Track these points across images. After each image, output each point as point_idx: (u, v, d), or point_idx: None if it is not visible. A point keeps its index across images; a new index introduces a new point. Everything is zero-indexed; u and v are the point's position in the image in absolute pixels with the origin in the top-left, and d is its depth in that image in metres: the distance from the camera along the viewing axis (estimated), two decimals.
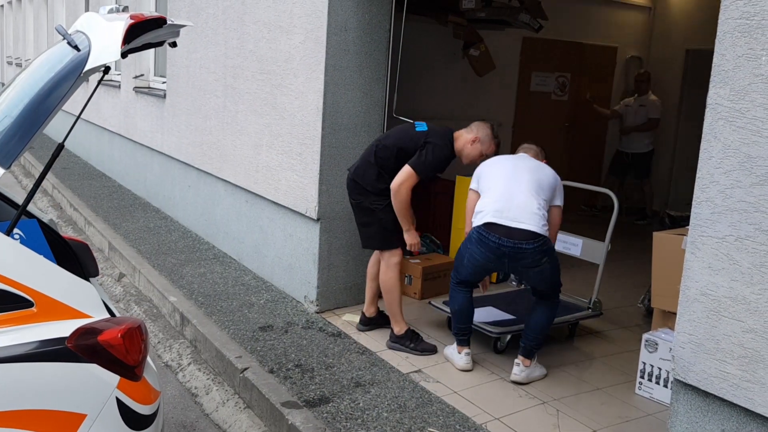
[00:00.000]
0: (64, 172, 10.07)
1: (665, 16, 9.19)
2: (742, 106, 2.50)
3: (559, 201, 4.09)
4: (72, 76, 2.34)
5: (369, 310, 4.66)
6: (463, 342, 4.14)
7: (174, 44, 2.82)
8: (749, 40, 2.47)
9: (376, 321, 4.66)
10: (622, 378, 4.17)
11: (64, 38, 2.49)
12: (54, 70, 2.45)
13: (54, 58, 2.56)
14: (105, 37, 2.39)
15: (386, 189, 4.26)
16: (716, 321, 2.63)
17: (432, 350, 4.35)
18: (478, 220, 3.92)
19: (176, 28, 2.67)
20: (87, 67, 2.33)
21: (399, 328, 4.37)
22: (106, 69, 2.50)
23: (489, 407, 3.70)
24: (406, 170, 4.18)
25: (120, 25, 2.37)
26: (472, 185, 4.16)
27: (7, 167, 2.23)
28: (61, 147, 2.39)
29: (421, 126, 4.35)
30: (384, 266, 4.35)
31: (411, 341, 4.35)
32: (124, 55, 2.38)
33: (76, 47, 2.40)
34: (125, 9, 2.68)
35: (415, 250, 4.45)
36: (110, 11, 2.63)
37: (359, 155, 4.88)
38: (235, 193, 6.03)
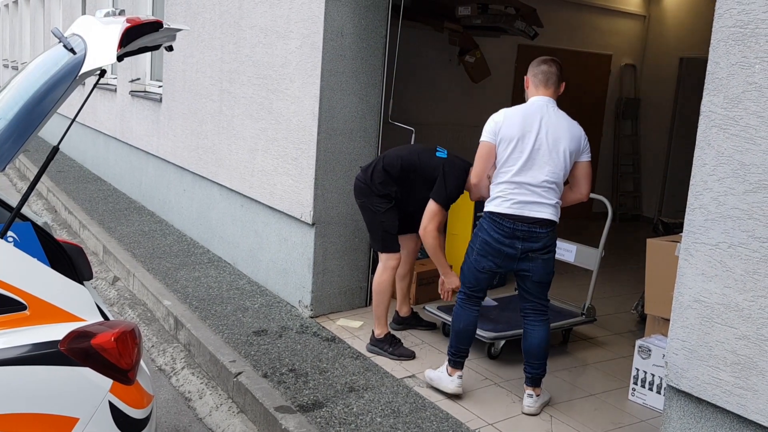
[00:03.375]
0: (60, 175, 10.05)
1: (659, 24, 9.24)
2: (735, 113, 2.52)
3: (586, 156, 3.71)
4: (68, 79, 2.34)
5: (402, 309, 4.75)
6: (458, 364, 3.82)
7: (170, 48, 2.82)
8: (743, 48, 2.48)
9: (410, 321, 4.74)
10: (615, 384, 4.17)
11: (60, 41, 2.49)
12: (50, 73, 2.45)
13: (50, 60, 2.56)
14: (101, 41, 2.39)
15: (389, 194, 4.26)
16: (709, 328, 2.64)
17: (410, 356, 4.33)
18: (493, 206, 3.59)
19: (173, 32, 2.67)
20: (83, 70, 2.33)
21: (380, 331, 4.37)
22: (102, 72, 2.50)
23: (482, 413, 3.70)
24: (431, 208, 4.11)
25: (116, 28, 2.37)
26: (488, 137, 3.65)
27: (2, 169, 2.23)
28: (55, 150, 2.38)
29: (442, 153, 4.27)
30: (380, 268, 4.34)
31: (390, 345, 4.36)
32: (120, 58, 2.38)
33: (72, 50, 2.40)
34: (122, 12, 2.68)
35: (450, 296, 4.31)
36: (106, 14, 2.63)
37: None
38: (230, 197, 6.03)
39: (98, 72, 2.46)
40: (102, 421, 2.21)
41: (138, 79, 8.60)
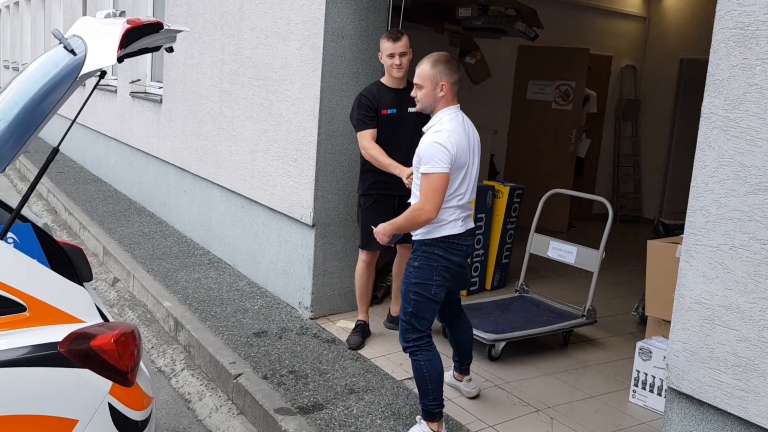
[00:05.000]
0: (60, 177, 10.05)
1: (660, 25, 9.23)
2: (736, 115, 2.52)
3: None
4: (68, 80, 2.33)
5: (394, 308, 4.77)
6: (440, 415, 3.38)
7: (170, 49, 2.82)
8: (744, 49, 2.48)
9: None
10: (616, 386, 4.17)
11: (60, 42, 2.49)
12: (50, 74, 2.45)
13: (50, 61, 2.56)
14: (101, 42, 2.39)
15: (362, 187, 4.47)
16: (710, 330, 2.63)
17: (356, 346, 4.42)
18: (449, 230, 3.31)
19: (173, 34, 2.67)
20: (83, 71, 2.32)
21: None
22: (102, 73, 2.50)
23: (483, 415, 3.69)
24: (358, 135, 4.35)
25: (117, 29, 2.37)
26: (446, 167, 3.18)
27: (2, 171, 2.23)
28: (55, 151, 2.38)
29: None
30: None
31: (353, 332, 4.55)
32: (120, 59, 2.38)
33: (72, 51, 2.40)
34: (122, 14, 2.68)
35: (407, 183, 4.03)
36: (107, 16, 2.63)
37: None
38: (231, 198, 6.03)
39: (98, 73, 2.46)
40: (101, 423, 2.21)
41: (138, 80, 8.60)
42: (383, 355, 4.36)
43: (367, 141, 4.26)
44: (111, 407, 2.23)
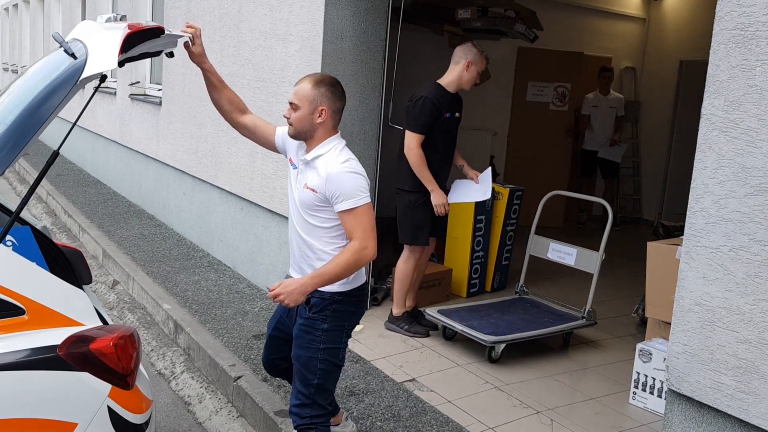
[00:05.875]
0: (59, 179, 10.04)
1: (659, 27, 9.23)
2: (736, 116, 2.51)
3: None
4: (68, 84, 2.33)
5: (395, 309, 4.87)
6: None
7: (171, 54, 2.82)
8: (743, 50, 2.48)
9: (411, 314, 4.85)
10: (616, 388, 4.16)
11: (61, 46, 2.49)
12: (50, 77, 2.45)
13: (50, 65, 2.55)
14: (102, 46, 2.39)
15: (411, 184, 4.54)
16: (710, 331, 2.63)
17: (424, 333, 4.66)
18: (358, 281, 2.87)
19: (174, 39, 2.67)
20: (83, 75, 2.32)
21: (398, 311, 4.73)
22: (103, 77, 2.50)
23: (483, 417, 3.69)
24: (406, 134, 4.43)
25: (117, 34, 2.37)
26: (368, 196, 2.76)
27: (1, 174, 2.22)
28: (56, 154, 2.38)
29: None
30: (405, 256, 4.68)
31: (405, 323, 4.71)
32: (120, 64, 2.38)
33: (72, 55, 2.40)
34: (123, 18, 2.67)
35: (439, 211, 4.50)
36: (108, 20, 2.63)
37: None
38: (230, 200, 6.02)
39: (99, 77, 2.46)
40: (101, 427, 2.20)
41: (138, 82, 8.60)
42: (383, 357, 4.35)
43: (417, 144, 4.42)
44: (110, 410, 2.22)
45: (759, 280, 2.47)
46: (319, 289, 2.73)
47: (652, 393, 3.89)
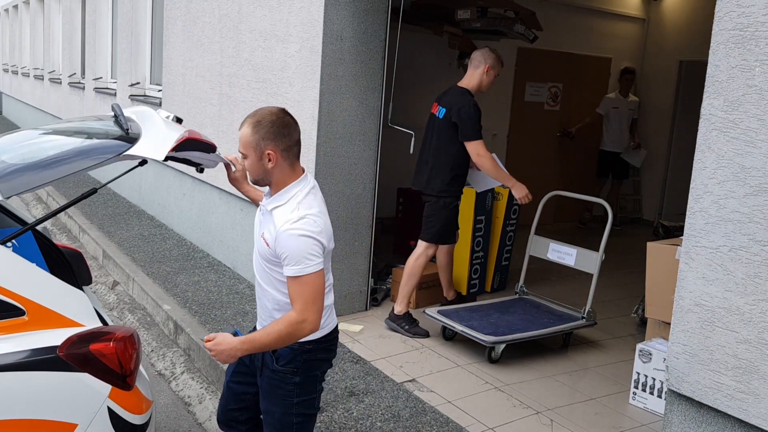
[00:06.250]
0: (58, 180, 10.02)
1: (659, 27, 9.24)
2: (735, 116, 2.51)
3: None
4: (109, 152, 2.39)
5: (449, 294, 5.13)
6: None
7: (202, 170, 2.87)
8: (743, 51, 2.48)
9: (455, 303, 5.04)
10: (616, 388, 4.16)
11: (117, 117, 2.56)
12: (97, 137, 2.53)
13: (102, 127, 2.64)
14: (157, 136, 2.46)
15: (452, 189, 4.77)
16: (710, 331, 2.63)
17: (424, 335, 4.69)
18: (328, 328, 2.59)
19: (217, 160, 2.75)
20: (128, 152, 2.39)
21: (400, 309, 4.77)
22: (143, 162, 2.52)
23: (483, 417, 3.69)
24: (468, 145, 4.62)
25: (176, 133, 2.46)
26: (321, 262, 2.43)
27: (6, 198, 2.26)
28: (93, 191, 2.49)
29: (441, 112, 4.75)
30: (419, 253, 4.79)
31: (406, 323, 4.73)
32: (166, 158, 2.44)
33: (126, 131, 2.47)
34: (179, 120, 2.72)
35: (525, 201, 4.75)
36: (167, 117, 2.69)
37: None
38: (230, 201, 6.02)
39: (140, 160, 2.49)
40: (101, 427, 2.20)
41: (138, 83, 8.60)
42: (383, 357, 4.35)
43: (485, 149, 4.66)
44: (110, 411, 2.23)
45: (759, 280, 2.47)
46: (285, 347, 2.46)
47: (652, 393, 3.89)
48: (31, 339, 2.14)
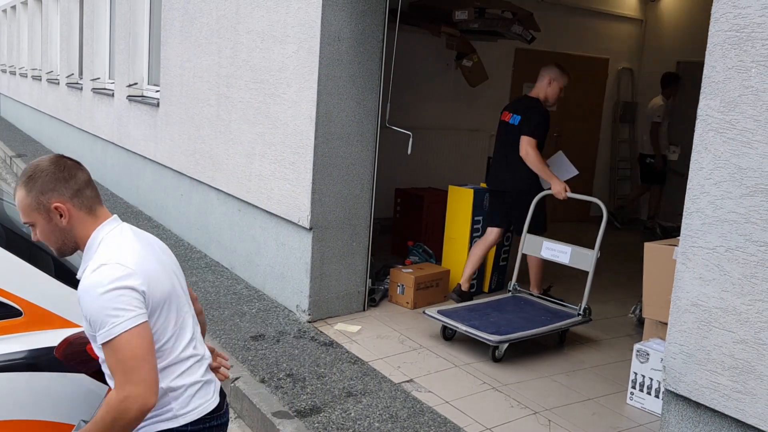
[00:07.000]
0: None
1: (656, 28, 9.25)
2: (732, 117, 2.52)
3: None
4: None
5: (465, 285, 5.40)
6: None
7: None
8: (739, 52, 2.49)
9: (468, 297, 5.37)
10: (613, 388, 4.17)
11: None
12: None
13: None
14: None
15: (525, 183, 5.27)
16: (707, 331, 2.63)
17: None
18: (194, 402, 1.99)
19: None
20: None
21: (466, 287, 5.39)
22: None
23: (481, 417, 3.69)
24: (522, 138, 5.15)
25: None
26: (140, 316, 1.83)
27: None
28: None
29: (515, 119, 5.28)
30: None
31: (461, 297, 5.32)
32: None
33: None
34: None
35: (563, 196, 5.07)
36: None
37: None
38: (228, 201, 6.02)
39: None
40: None
41: (135, 83, 8.59)
42: (381, 357, 4.36)
43: (535, 147, 5.14)
44: None
45: (755, 280, 2.47)
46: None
47: (649, 393, 3.89)
48: (28, 340, 2.14)
